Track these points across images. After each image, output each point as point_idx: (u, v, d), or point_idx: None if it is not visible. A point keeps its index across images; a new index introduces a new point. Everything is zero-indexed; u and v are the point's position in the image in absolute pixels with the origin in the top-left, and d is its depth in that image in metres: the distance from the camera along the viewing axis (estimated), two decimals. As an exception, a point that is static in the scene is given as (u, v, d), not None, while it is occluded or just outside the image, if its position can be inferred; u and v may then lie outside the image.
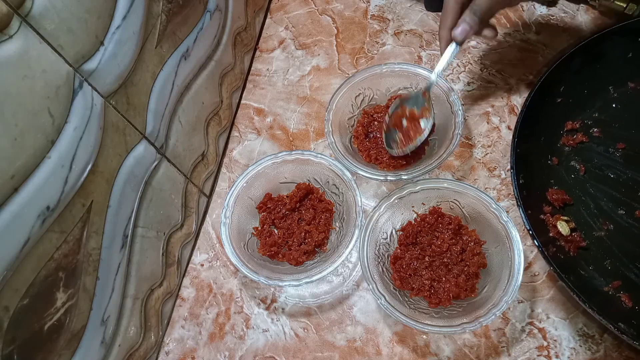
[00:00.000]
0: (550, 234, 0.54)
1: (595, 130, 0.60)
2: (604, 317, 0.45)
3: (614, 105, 0.61)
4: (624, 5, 0.66)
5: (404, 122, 0.60)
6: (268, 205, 0.62)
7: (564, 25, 0.72)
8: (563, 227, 0.54)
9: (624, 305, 0.50)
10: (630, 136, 0.59)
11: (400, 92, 0.66)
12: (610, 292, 0.51)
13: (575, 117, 0.61)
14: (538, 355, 0.53)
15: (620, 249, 0.53)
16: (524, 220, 0.50)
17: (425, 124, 0.59)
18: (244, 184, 0.60)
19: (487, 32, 0.55)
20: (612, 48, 0.59)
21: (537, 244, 0.49)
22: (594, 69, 0.60)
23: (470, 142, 0.66)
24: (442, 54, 0.56)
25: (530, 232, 0.49)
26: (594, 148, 0.59)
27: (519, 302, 0.55)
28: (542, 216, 0.55)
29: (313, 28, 0.80)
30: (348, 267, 0.61)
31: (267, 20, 0.82)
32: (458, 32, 0.53)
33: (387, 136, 0.61)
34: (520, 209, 0.50)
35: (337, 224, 0.61)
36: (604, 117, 0.60)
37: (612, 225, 0.55)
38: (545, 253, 0.48)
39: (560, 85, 0.59)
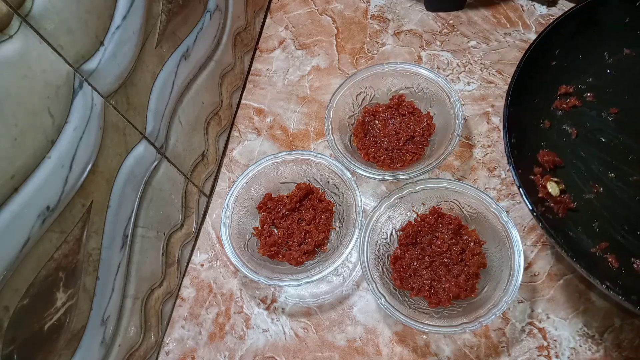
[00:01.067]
0: (540, 195, 0.53)
1: (588, 94, 0.59)
2: (592, 276, 0.44)
3: (608, 71, 0.60)
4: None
5: None
6: (268, 205, 0.62)
7: (564, 25, 0.72)
8: (553, 188, 0.53)
9: (611, 266, 0.50)
10: (623, 101, 0.58)
11: (402, 91, 0.66)
12: (597, 254, 0.51)
13: (569, 81, 0.60)
14: (538, 355, 0.53)
15: (609, 212, 0.53)
16: (515, 178, 0.49)
17: None
18: (244, 184, 0.60)
19: None
20: (609, 13, 0.58)
21: (527, 202, 0.48)
22: (589, 33, 0.59)
23: (470, 142, 0.66)
24: None
25: (520, 189, 0.48)
26: (587, 112, 0.59)
27: (519, 302, 0.55)
28: (532, 177, 0.54)
29: (313, 28, 0.80)
30: (348, 267, 0.61)
31: (267, 20, 0.82)
32: None
33: None
34: (511, 167, 0.50)
35: (337, 224, 0.61)
36: (598, 83, 0.60)
37: (601, 188, 0.54)
38: (536, 212, 0.48)
39: (555, 48, 0.58)
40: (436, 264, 0.55)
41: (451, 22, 0.76)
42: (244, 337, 0.59)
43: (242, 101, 0.75)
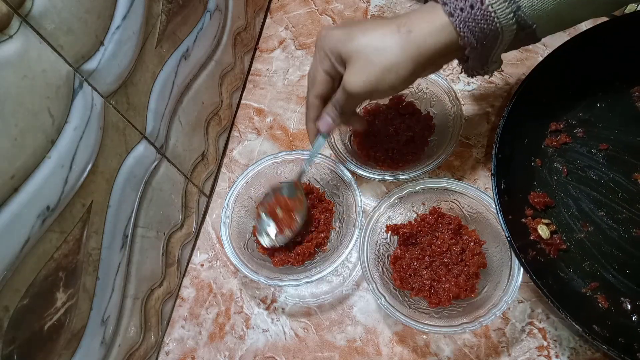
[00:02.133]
0: (531, 237, 0.54)
1: (579, 130, 0.59)
2: (577, 321, 0.45)
3: (598, 105, 0.60)
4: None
5: (279, 212, 0.58)
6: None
7: (564, 25, 0.72)
8: (543, 231, 0.54)
9: (600, 306, 0.51)
10: (613, 136, 0.58)
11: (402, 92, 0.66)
12: (587, 294, 0.52)
13: (559, 117, 0.60)
14: (538, 355, 0.53)
15: (599, 251, 0.54)
16: (503, 228, 0.50)
17: (299, 216, 0.57)
18: (244, 184, 0.60)
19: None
20: (597, 47, 0.58)
21: (514, 251, 0.49)
22: (578, 68, 0.59)
23: (470, 142, 0.66)
24: (311, 143, 0.55)
25: (509, 239, 0.49)
26: (577, 149, 0.59)
27: (519, 302, 0.55)
28: (523, 220, 0.55)
29: (313, 28, 0.80)
30: (348, 267, 0.61)
31: (267, 20, 0.82)
32: (320, 125, 0.52)
33: (259, 224, 0.59)
34: (500, 215, 0.50)
35: (337, 224, 0.61)
36: (588, 117, 0.60)
37: (592, 227, 0.55)
38: (522, 260, 0.48)
39: (543, 86, 0.58)
40: (436, 264, 0.55)
41: (451, 22, 0.76)
42: (244, 337, 0.59)
43: (242, 101, 0.75)
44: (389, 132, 0.64)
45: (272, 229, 0.58)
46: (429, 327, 0.49)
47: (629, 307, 0.50)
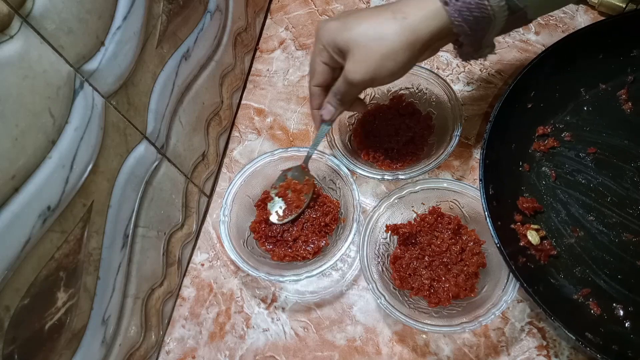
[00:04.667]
0: (521, 243, 0.53)
1: (566, 134, 0.59)
2: (571, 329, 0.45)
3: (585, 108, 0.60)
4: (624, 6, 0.67)
5: (289, 194, 0.61)
6: (266, 202, 0.62)
7: (563, 26, 0.72)
8: (533, 237, 0.53)
9: (592, 312, 0.50)
10: (601, 140, 0.58)
11: (402, 92, 0.66)
12: (579, 300, 0.51)
13: (546, 121, 0.60)
14: (537, 355, 0.53)
15: (590, 256, 0.53)
16: (492, 234, 0.49)
17: (306, 197, 0.60)
18: (242, 182, 0.61)
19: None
20: (583, 50, 0.58)
21: (504, 258, 0.49)
22: (564, 71, 0.59)
23: (469, 142, 0.66)
24: (316, 129, 0.58)
25: (498, 246, 0.49)
26: (565, 153, 0.59)
27: (518, 302, 0.55)
28: (512, 225, 0.54)
29: (313, 29, 0.80)
30: (347, 261, 0.61)
31: (268, 21, 0.82)
32: (323, 113, 0.54)
33: (271, 205, 0.61)
34: (489, 221, 0.50)
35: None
36: (575, 120, 0.60)
37: (582, 232, 0.54)
38: (513, 267, 0.48)
39: (530, 90, 0.58)
40: (436, 263, 0.56)
41: (451, 22, 0.76)
42: (244, 337, 0.59)
43: (243, 101, 0.75)
44: (389, 132, 0.64)
45: (280, 208, 0.61)
46: (429, 327, 0.50)
47: (622, 313, 0.50)
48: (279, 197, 0.61)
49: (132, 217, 0.51)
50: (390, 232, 0.57)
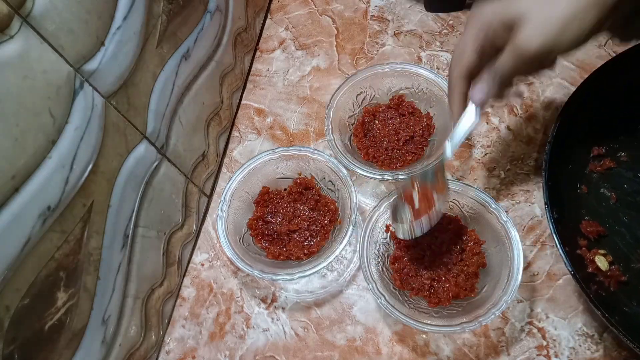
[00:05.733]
0: (589, 270, 0.51)
1: (622, 154, 0.58)
2: None
3: (639, 127, 0.59)
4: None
5: (415, 199, 0.53)
6: (265, 199, 0.62)
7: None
8: (602, 262, 0.51)
9: None
10: None
11: (402, 92, 0.66)
12: None
13: (600, 142, 0.58)
14: (537, 355, 0.53)
15: None
16: (565, 262, 0.46)
17: (439, 205, 0.52)
18: (241, 179, 0.61)
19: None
20: (630, 69, 0.56)
21: (582, 288, 0.45)
22: (615, 91, 0.57)
23: (469, 142, 0.66)
24: (454, 122, 0.49)
25: (572, 273, 0.46)
26: (623, 173, 0.57)
27: (518, 302, 0.55)
28: (578, 251, 0.52)
29: (313, 29, 0.80)
30: (344, 264, 0.61)
31: (268, 21, 0.82)
32: (475, 94, 0.47)
33: (399, 212, 0.53)
34: (559, 248, 0.47)
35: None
36: (630, 140, 0.58)
37: None
38: (591, 296, 0.45)
39: (583, 111, 0.56)
40: (436, 263, 0.55)
41: (451, 22, 0.76)
42: (244, 337, 0.59)
43: (243, 101, 0.75)
44: (389, 132, 0.64)
45: (407, 216, 0.53)
46: (429, 327, 0.50)
47: None
48: (403, 202, 0.53)
49: (132, 217, 0.51)
50: (390, 232, 0.57)
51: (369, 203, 0.64)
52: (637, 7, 0.42)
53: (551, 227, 0.49)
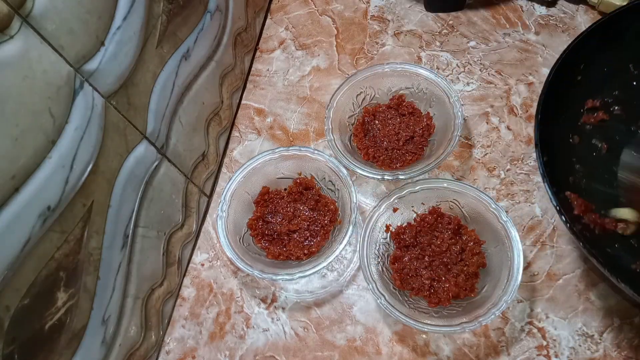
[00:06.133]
0: (575, 212, 0.52)
1: (616, 108, 0.58)
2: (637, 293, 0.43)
3: (634, 83, 0.59)
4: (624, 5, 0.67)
5: None
6: (265, 199, 0.62)
7: (563, 26, 0.72)
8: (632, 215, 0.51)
9: None
10: None
11: (402, 92, 0.66)
12: (638, 270, 0.50)
13: (595, 95, 0.59)
14: (537, 355, 0.53)
15: None
16: (551, 198, 0.48)
17: None
18: (241, 179, 0.61)
19: None
20: (631, 25, 0.57)
21: (565, 222, 0.47)
22: (613, 46, 0.58)
23: (469, 142, 0.66)
24: None
25: (557, 209, 0.47)
26: (616, 126, 0.58)
27: (518, 302, 0.55)
28: (567, 193, 0.53)
29: (313, 29, 0.80)
30: (344, 264, 0.61)
31: (268, 21, 0.82)
32: None
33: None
34: (547, 185, 0.48)
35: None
36: (625, 96, 0.59)
37: None
38: (574, 229, 0.46)
39: (580, 62, 0.57)
40: (436, 263, 0.56)
41: (451, 22, 0.76)
42: (244, 337, 0.59)
43: (243, 101, 0.75)
44: (389, 132, 0.64)
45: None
46: (429, 327, 0.50)
47: None
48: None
49: (132, 217, 0.51)
50: (389, 233, 0.57)
51: (369, 203, 0.64)
52: None
53: (540, 167, 0.50)
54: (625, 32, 0.57)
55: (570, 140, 0.57)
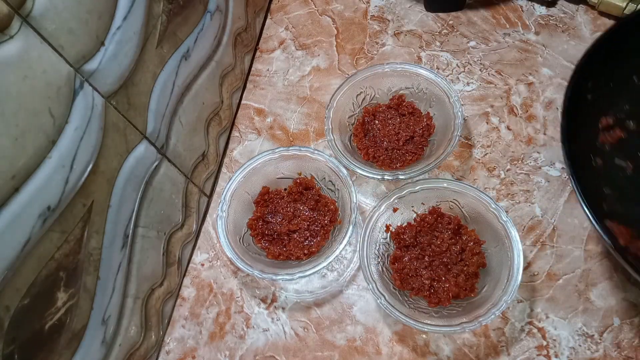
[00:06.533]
0: (621, 243, 0.49)
1: (630, 123, 0.57)
2: None
3: None
4: (623, 5, 0.67)
5: None
6: (265, 199, 0.62)
7: (563, 26, 0.72)
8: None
9: None
10: None
11: (402, 92, 0.66)
12: None
13: (607, 112, 0.57)
14: (537, 355, 0.53)
15: None
16: (602, 235, 0.45)
17: None
18: (241, 179, 0.61)
19: None
20: (631, 37, 0.56)
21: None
22: (615, 60, 0.56)
23: (469, 142, 0.66)
24: None
25: (612, 247, 0.45)
26: (636, 142, 0.56)
27: (518, 302, 0.55)
28: (607, 223, 0.50)
29: (313, 29, 0.80)
30: (344, 264, 0.61)
31: (268, 21, 0.82)
32: None
33: None
34: (597, 226, 0.46)
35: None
36: (636, 108, 0.57)
37: None
38: (632, 264, 0.44)
39: (587, 81, 0.55)
40: (436, 263, 0.56)
41: (451, 22, 0.76)
42: (244, 337, 0.59)
43: (243, 101, 0.75)
44: (389, 132, 0.64)
45: None
46: (429, 327, 0.50)
47: None
48: None
49: (132, 217, 0.51)
50: (389, 233, 0.57)
51: (369, 203, 0.64)
52: None
53: (584, 205, 0.47)
54: (623, 44, 0.56)
55: (593, 164, 0.55)
